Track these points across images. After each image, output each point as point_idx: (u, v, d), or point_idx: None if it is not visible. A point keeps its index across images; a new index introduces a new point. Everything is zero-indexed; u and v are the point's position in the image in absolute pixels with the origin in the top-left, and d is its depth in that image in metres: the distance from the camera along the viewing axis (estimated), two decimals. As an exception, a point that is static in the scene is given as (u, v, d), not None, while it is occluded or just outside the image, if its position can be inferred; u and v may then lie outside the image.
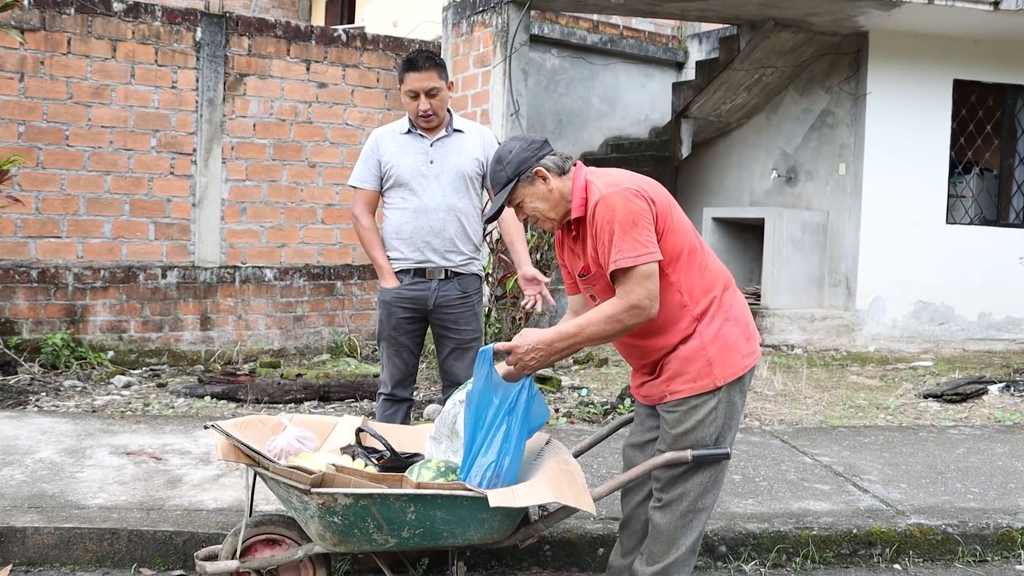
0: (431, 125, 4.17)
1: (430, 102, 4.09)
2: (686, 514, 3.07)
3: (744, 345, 3.05)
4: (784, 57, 9.18)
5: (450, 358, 4.28)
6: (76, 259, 7.57)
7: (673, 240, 2.97)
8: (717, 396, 3.01)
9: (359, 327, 8.78)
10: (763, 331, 9.05)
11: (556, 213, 3.05)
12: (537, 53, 10.06)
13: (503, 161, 3.02)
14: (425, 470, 3.15)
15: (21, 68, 7.28)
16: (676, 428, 3.04)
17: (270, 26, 8.27)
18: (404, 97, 4.15)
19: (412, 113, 4.15)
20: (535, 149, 3.02)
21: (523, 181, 3.01)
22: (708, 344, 2.99)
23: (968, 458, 5.17)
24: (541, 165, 3.00)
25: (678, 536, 3.08)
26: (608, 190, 2.91)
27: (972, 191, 9.79)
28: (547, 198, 3.02)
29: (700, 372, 2.99)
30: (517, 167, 3.00)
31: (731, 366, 3.01)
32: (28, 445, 4.78)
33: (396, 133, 4.23)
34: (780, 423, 6.02)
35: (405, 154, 4.17)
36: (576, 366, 7.84)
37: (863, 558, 4.00)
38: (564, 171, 3.04)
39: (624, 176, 3.01)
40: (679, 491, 3.06)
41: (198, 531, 3.71)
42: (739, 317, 3.07)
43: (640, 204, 2.89)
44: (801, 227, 9.28)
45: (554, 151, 3.07)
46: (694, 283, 3.00)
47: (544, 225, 3.10)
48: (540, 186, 3.01)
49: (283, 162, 8.37)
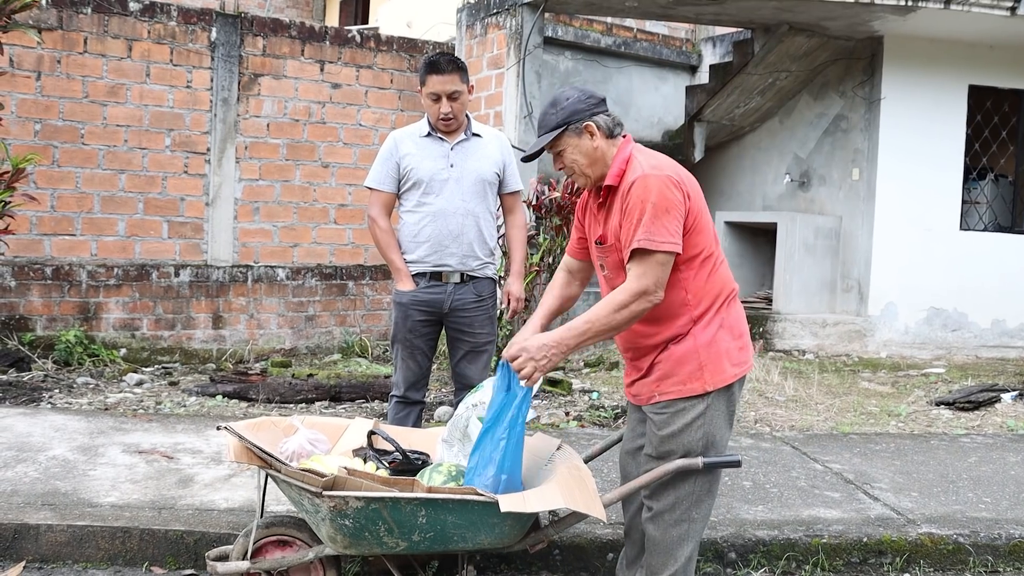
0: (451, 128, 4.18)
1: (452, 105, 4.10)
2: (679, 523, 3.05)
3: (736, 354, 3.05)
4: (798, 61, 9.15)
5: (463, 361, 4.29)
6: (90, 257, 7.61)
7: (696, 240, 2.97)
8: (706, 401, 3.00)
9: (370, 327, 8.79)
10: (774, 336, 9.03)
11: (592, 172, 3.06)
12: (551, 55, 10.05)
13: (557, 105, 3.04)
14: (436, 474, 3.16)
15: (38, 67, 7.32)
16: (663, 430, 3.04)
17: (284, 26, 8.29)
18: (425, 99, 4.14)
19: (433, 116, 4.15)
20: (592, 104, 3.04)
21: (571, 131, 3.02)
22: (701, 348, 2.99)
23: (980, 467, 5.15)
24: (593, 121, 3.02)
25: (673, 548, 3.06)
26: (651, 171, 2.92)
27: (987, 197, 9.74)
28: (589, 155, 3.04)
29: (690, 375, 2.99)
30: (569, 115, 3.02)
31: (721, 373, 3.00)
32: (41, 442, 4.81)
33: (415, 136, 4.23)
34: (791, 429, 6.01)
35: (425, 157, 4.17)
36: (587, 369, 7.84)
37: (873, 567, 3.99)
38: (612, 135, 3.06)
39: (668, 163, 3.01)
40: (670, 500, 3.05)
41: (209, 531, 3.73)
42: (735, 327, 3.07)
43: (677, 195, 2.90)
44: (814, 232, 9.25)
45: (609, 112, 3.08)
46: (701, 286, 3.00)
47: (577, 180, 3.12)
48: (586, 141, 3.03)
49: (296, 162, 8.39)
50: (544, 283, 7.17)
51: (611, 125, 3.05)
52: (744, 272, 10.17)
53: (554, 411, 6.31)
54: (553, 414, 6.22)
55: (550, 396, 6.75)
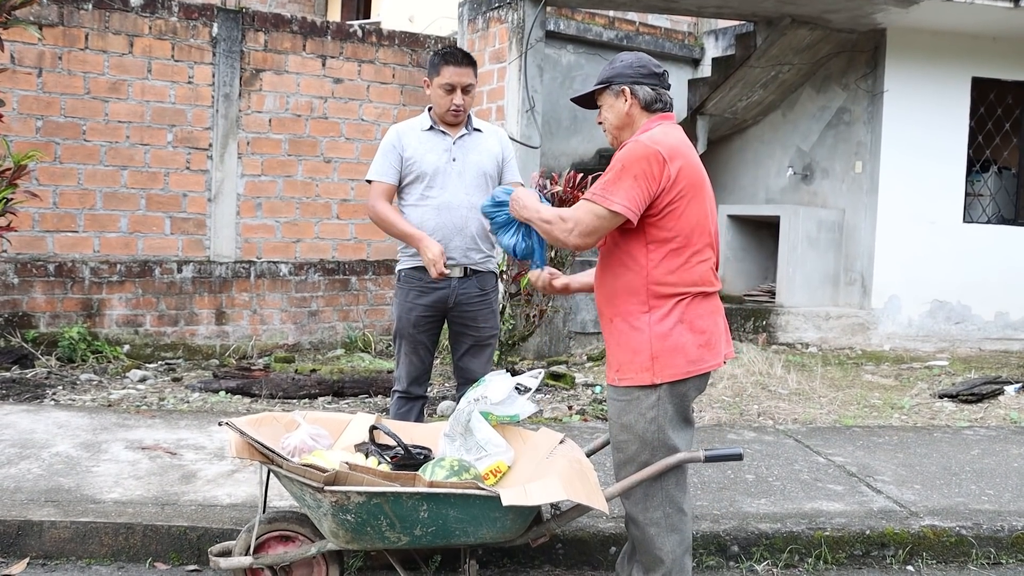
0: (458, 121, 4.19)
1: (464, 98, 4.12)
2: (655, 523, 3.08)
3: (695, 351, 3.03)
4: (801, 54, 9.13)
5: (467, 355, 4.29)
6: (93, 253, 7.62)
7: (670, 224, 2.99)
8: (657, 393, 3.02)
9: (373, 322, 8.80)
10: (778, 329, 9.02)
11: (619, 135, 3.20)
12: (553, 49, 10.04)
13: (613, 63, 3.20)
14: (439, 469, 3.16)
15: (39, 63, 7.32)
16: (618, 419, 3.10)
17: (286, 21, 8.29)
18: (436, 90, 4.14)
19: (443, 107, 4.15)
20: (641, 74, 3.14)
21: (611, 90, 3.16)
22: (655, 339, 3.00)
23: (983, 459, 5.15)
24: (631, 87, 3.13)
25: (655, 545, 3.08)
26: (645, 140, 3.00)
27: (990, 190, 9.73)
28: (620, 117, 3.16)
29: (642, 366, 3.02)
30: (614, 75, 3.16)
31: (672, 367, 3.00)
32: (45, 439, 4.82)
33: (417, 129, 4.23)
34: (794, 422, 6.01)
35: (428, 150, 4.17)
36: (589, 363, 7.84)
37: (876, 559, 3.99)
38: (650, 108, 3.15)
39: (669, 141, 3.03)
40: (639, 500, 3.09)
41: (212, 526, 3.74)
42: (697, 324, 3.04)
43: (654, 167, 2.94)
44: (817, 225, 9.24)
45: (661, 87, 3.16)
46: (665, 274, 3.01)
47: (608, 138, 3.26)
48: (620, 104, 3.15)
49: (298, 157, 8.39)
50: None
51: (651, 98, 3.14)
52: (747, 265, 10.17)
53: (557, 405, 6.31)
54: (556, 408, 6.22)
55: (553, 390, 6.75)
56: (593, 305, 6.69)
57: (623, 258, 3.07)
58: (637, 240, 3.02)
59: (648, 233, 3.00)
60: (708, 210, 3.08)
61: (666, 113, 3.16)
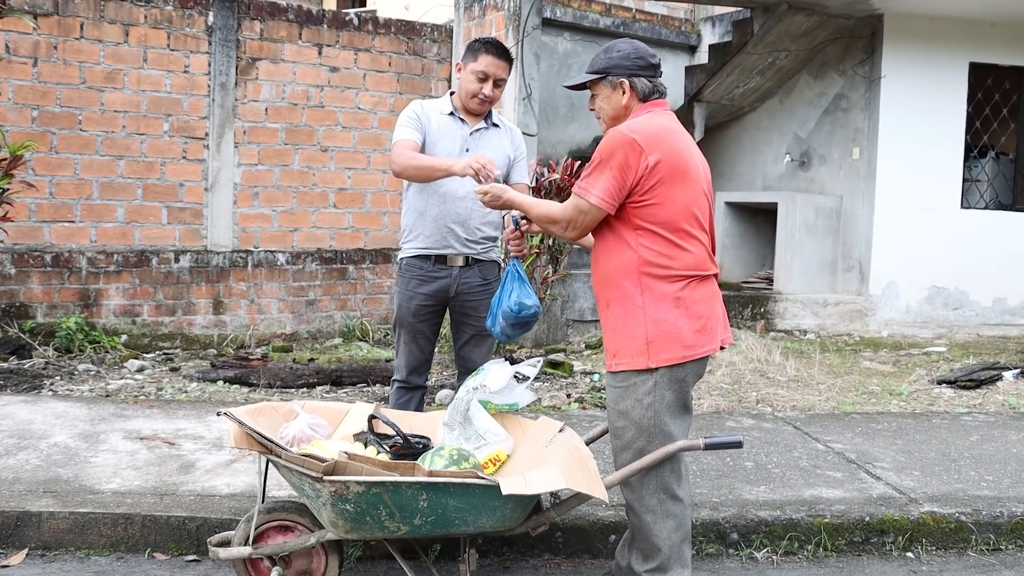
0: (482, 111, 4.17)
1: (494, 91, 4.10)
2: (650, 510, 3.09)
3: (691, 336, 3.04)
4: (798, 40, 9.10)
5: (468, 345, 4.27)
6: (89, 243, 7.60)
7: (655, 212, 3.01)
8: (653, 378, 3.03)
9: (371, 311, 8.79)
10: (776, 316, 9.02)
11: (613, 123, 3.22)
12: (549, 37, 10.00)
13: (609, 52, 3.20)
14: (438, 458, 3.16)
15: (34, 53, 7.29)
16: (615, 405, 3.11)
17: (282, 10, 8.25)
18: (470, 75, 4.09)
19: (469, 93, 4.10)
20: (637, 65, 3.16)
21: (607, 81, 3.18)
22: (650, 323, 3.02)
23: (982, 445, 5.15)
24: (629, 80, 3.15)
25: (652, 532, 3.10)
26: (624, 129, 3.04)
27: (988, 175, 9.71)
28: (615, 108, 3.20)
29: (638, 350, 3.03)
30: (611, 67, 3.18)
31: (667, 351, 3.02)
32: (43, 429, 4.81)
33: (438, 112, 4.18)
34: (792, 409, 6.01)
35: (444, 136, 4.14)
36: (588, 351, 7.84)
37: (875, 546, 3.99)
38: (645, 100, 3.18)
39: (649, 128, 3.05)
40: (635, 487, 3.10)
41: (211, 516, 3.74)
42: (694, 308, 3.05)
43: (631, 157, 2.97)
44: (814, 211, 9.23)
45: (656, 76, 3.19)
46: (657, 257, 3.03)
47: (601, 126, 3.29)
48: (617, 96, 3.18)
49: (295, 146, 8.36)
50: (544, 264, 7.16)
51: (648, 90, 3.17)
52: (744, 252, 10.16)
53: (556, 393, 6.31)
54: (555, 396, 6.22)
55: (552, 378, 6.75)
56: (591, 293, 6.68)
57: (615, 242, 3.11)
58: (625, 225, 3.07)
59: (633, 218, 3.04)
60: (697, 193, 3.07)
61: (657, 102, 3.18)
